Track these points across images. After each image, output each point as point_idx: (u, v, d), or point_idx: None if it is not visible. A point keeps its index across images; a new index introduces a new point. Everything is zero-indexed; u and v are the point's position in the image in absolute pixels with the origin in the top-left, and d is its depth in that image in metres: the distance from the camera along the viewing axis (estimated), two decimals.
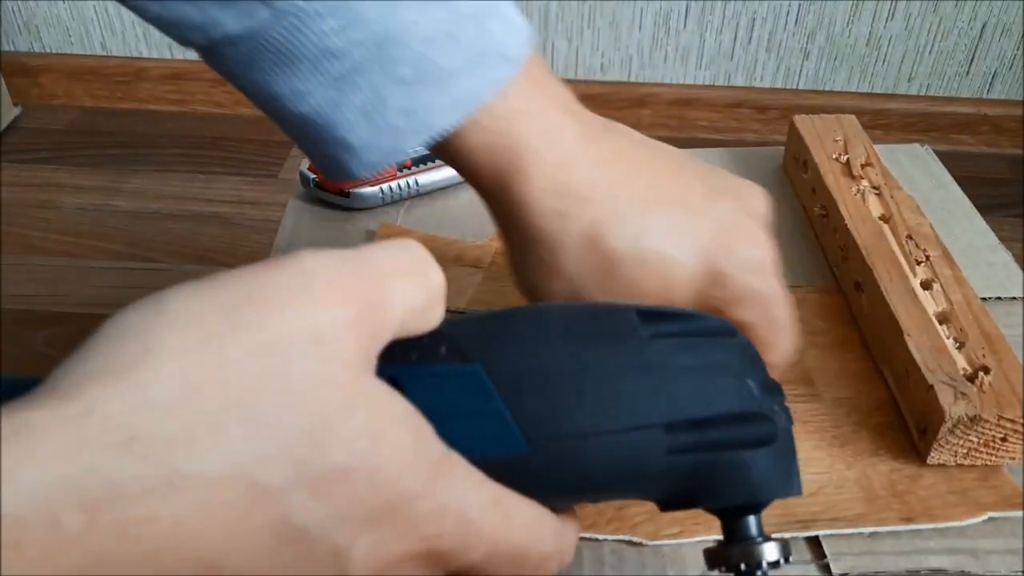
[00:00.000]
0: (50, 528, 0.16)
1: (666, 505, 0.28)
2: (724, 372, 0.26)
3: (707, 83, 1.50)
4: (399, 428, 0.21)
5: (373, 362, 0.22)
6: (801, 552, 0.36)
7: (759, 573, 0.26)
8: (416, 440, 0.21)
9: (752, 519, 0.27)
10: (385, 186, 0.54)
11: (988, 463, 0.38)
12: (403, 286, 0.23)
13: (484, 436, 0.24)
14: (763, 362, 0.28)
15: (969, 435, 0.37)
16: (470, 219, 0.52)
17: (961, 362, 0.39)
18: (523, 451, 0.24)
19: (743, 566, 0.26)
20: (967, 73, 1.45)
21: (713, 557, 0.27)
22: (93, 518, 0.17)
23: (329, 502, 0.19)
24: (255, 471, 0.19)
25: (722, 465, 0.26)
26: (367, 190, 0.54)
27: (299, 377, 0.19)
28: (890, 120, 1.48)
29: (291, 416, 0.19)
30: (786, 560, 0.26)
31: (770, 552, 0.26)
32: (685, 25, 1.44)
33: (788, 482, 0.27)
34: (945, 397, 0.37)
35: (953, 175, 0.58)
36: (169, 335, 0.19)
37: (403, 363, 0.24)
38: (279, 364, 0.19)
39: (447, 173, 0.56)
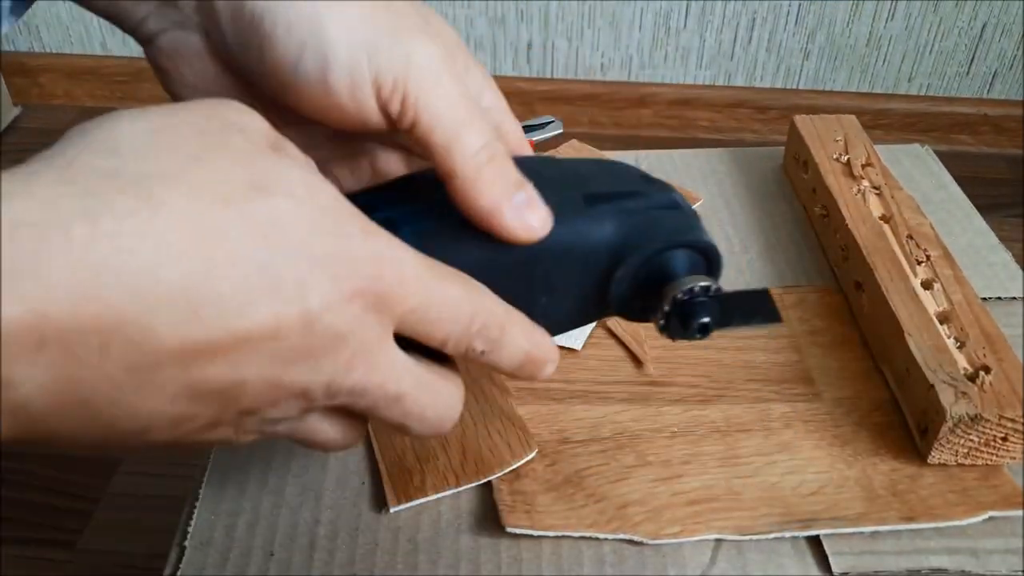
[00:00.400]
0: (61, 234, 0.20)
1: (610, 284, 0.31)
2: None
3: (707, 83, 1.50)
4: (327, 187, 0.25)
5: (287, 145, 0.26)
6: (802, 552, 0.36)
7: (693, 297, 0.30)
8: (341, 203, 0.25)
9: (674, 256, 0.30)
10: None
11: (989, 462, 0.38)
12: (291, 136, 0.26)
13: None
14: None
15: (970, 434, 0.37)
16: None
17: (962, 362, 0.39)
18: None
19: (677, 295, 0.30)
20: (967, 73, 1.45)
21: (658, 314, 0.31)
22: (93, 230, 0.20)
23: (283, 238, 0.23)
24: (218, 207, 0.22)
25: (637, 217, 0.30)
26: None
27: (234, 148, 0.23)
28: (890, 120, 1.48)
29: (237, 170, 0.23)
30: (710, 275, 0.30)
31: (695, 280, 0.30)
32: (685, 25, 1.44)
33: (699, 229, 0.31)
34: (946, 396, 0.37)
35: (953, 175, 0.58)
36: (125, 124, 0.23)
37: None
38: (216, 140, 0.23)
39: None
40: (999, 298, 0.48)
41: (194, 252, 0.21)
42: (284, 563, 0.35)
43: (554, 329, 0.32)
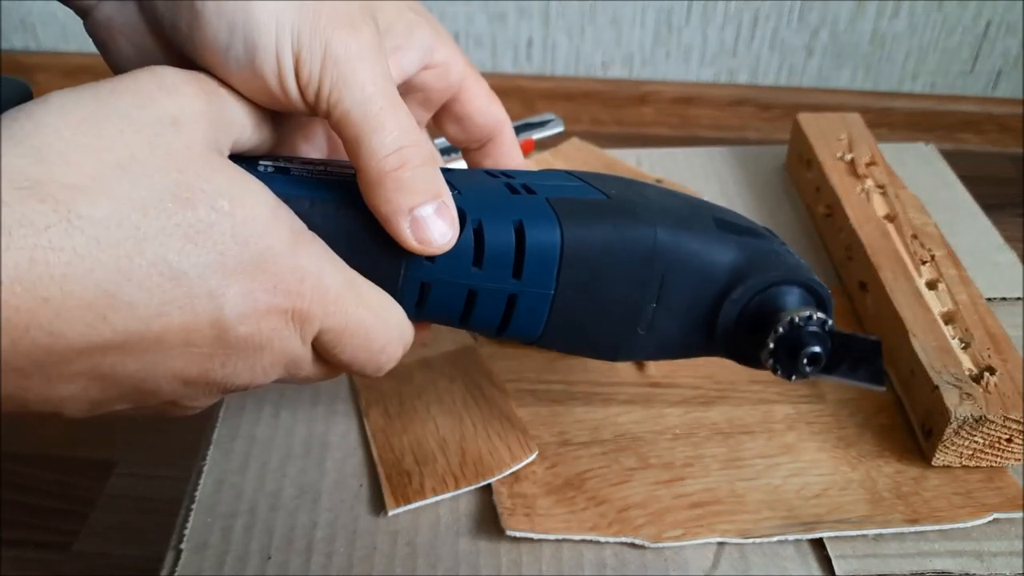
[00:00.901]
0: None
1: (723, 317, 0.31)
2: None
3: (709, 81, 1.49)
4: (257, 196, 0.25)
5: (225, 150, 0.26)
6: (805, 555, 0.35)
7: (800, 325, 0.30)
8: (274, 209, 0.26)
9: (790, 291, 0.31)
10: None
11: (993, 464, 0.38)
12: (232, 95, 0.27)
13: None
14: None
15: (974, 436, 0.37)
16: None
17: (966, 362, 0.39)
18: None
19: (787, 324, 0.30)
20: (972, 71, 1.45)
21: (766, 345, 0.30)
22: (9, 242, 0.21)
23: (201, 250, 0.23)
24: (137, 217, 0.22)
25: (761, 250, 0.31)
26: None
27: (164, 148, 0.24)
28: (894, 118, 1.47)
29: (161, 177, 0.23)
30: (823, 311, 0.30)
31: (810, 310, 0.30)
32: (687, 22, 1.43)
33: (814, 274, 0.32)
34: (950, 398, 0.37)
35: (958, 174, 0.57)
36: (54, 117, 0.23)
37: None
38: (146, 139, 0.23)
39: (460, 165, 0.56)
40: (1004, 298, 0.47)
41: (108, 263, 0.22)
42: (281, 566, 0.35)
43: (656, 350, 0.33)
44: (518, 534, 0.35)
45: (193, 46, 0.27)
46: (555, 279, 0.30)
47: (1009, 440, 0.37)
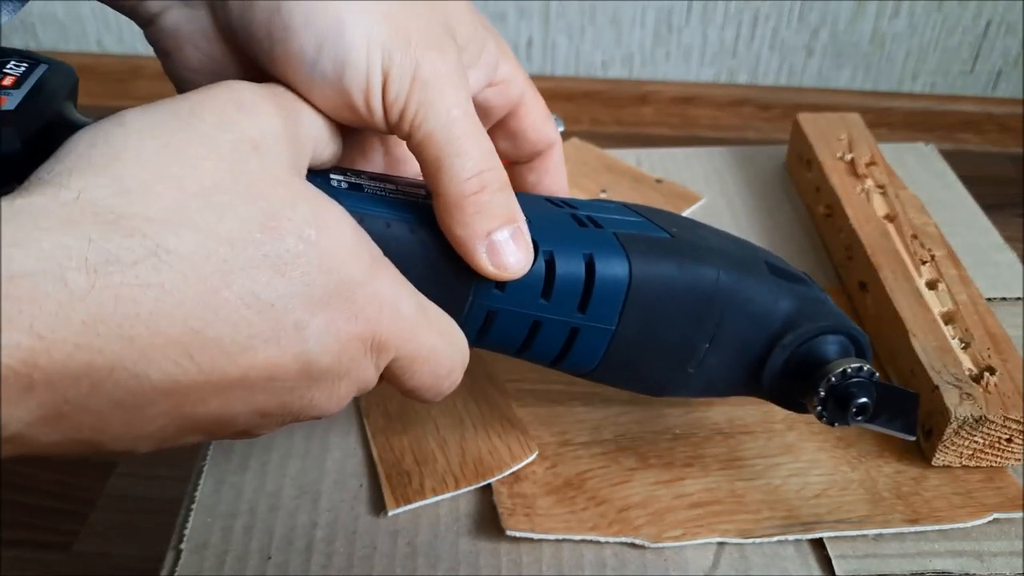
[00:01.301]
0: (59, 284, 0.19)
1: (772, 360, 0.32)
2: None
3: (709, 81, 1.49)
4: (340, 223, 0.25)
5: (303, 170, 0.26)
6: (805, 555, 0.35)
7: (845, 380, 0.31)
8: (356, 235, 0.25)
9: (835, 340, 0.32)
10: None
11: (993, 464, 0.38)
12: (309, 109, 0.27)
13: None
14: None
15: (974, 436, 0.37)
16: None
17: (966, 362, 0.39)
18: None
19: (832, 378, 0.31)
20: (972, 71, 1.45)
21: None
22: (94, 280, 0.20)
23: (288, 281, 0.23)
24: (224, 249, 0.22)
25: (810, 298, 0.32)
26: None
27: (247, 176, 0.23)
28: (894, 119, 1.47)
29: (246, 207, 0.22)
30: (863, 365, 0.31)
31: (854, 361, 0.31)
32: (687, 22, 1.43)
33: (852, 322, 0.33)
34: (950, 398, 0.37)
35: (958, 174, 0.57)
36: (133, 141, 0.22)
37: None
38: (228, 166, 0.23)
39: None
40: (1004, 298, 0.47)
41: (196, 299, 0.21)
42: (281, 566, 0.35)
43: (702, 388, 0.33)
44: (518, 534, 0.35)
45: (272, 58, 0.27)
46: (619, 315, 0.30)
47: (1009, 440, 0.37)
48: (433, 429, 0.40)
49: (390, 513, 0.37)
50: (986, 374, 0.38)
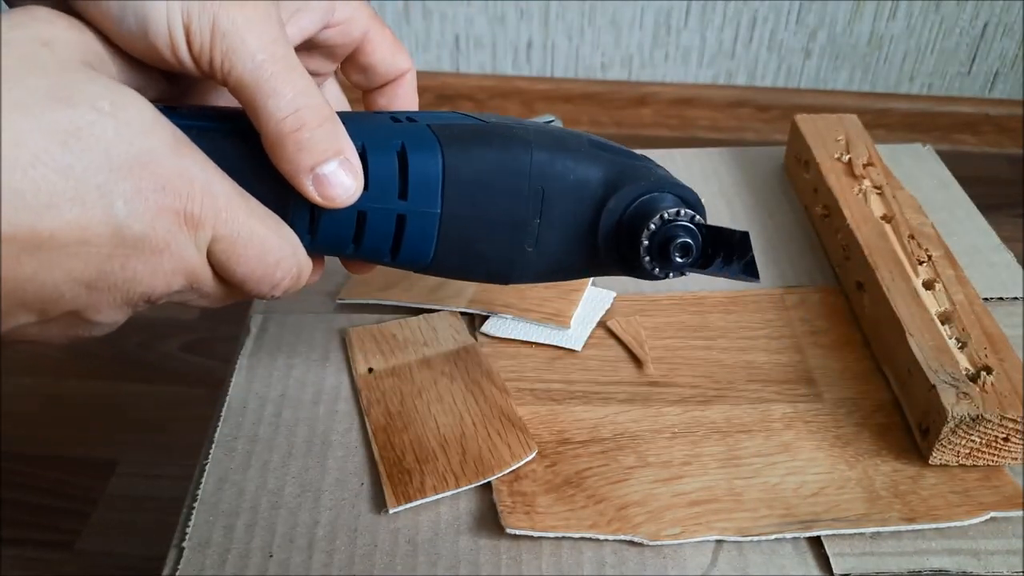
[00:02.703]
0: None
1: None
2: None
3: (708, 82, 1.49)
4: (138, 102, 0.26)
5: (105, 62, 0.27)
6: (803, 553, 0.35)
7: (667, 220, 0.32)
8: (156, 116, 0.26)
9: (663, 198, 0.33)
10: None
11: (990, 463, 0.38)
12: (115, 54, 0.28)
13: None
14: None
15: (971, 435, 0.37)
16: None
17: (963, 362, 0.39)
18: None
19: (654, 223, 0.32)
20: (969, 73, 1.45)
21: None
22: None
23: (84, 145, 0.24)
24: (16, 117, 0.23)
25: (632, 165, 0.34)
26: None
27: (38, 62, 0.24)
28: (892, 120, 1.48)
29: (36, 81, 0.24)
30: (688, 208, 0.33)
31: (680, 206, 0.32)
32: (686, 24, 1.43)
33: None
34: (947, 397, 0.37)
35: (955, 175, 0.58)
36: None
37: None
38: (18, 54, 0.24)
39: None
40: (1001, 298, 0.47)
41: None
42: (283, 564, 0.35)
43: (547, 269, 0.34)
44: (518, 532, 0.35)
45: (89, 14, 0.27)
46: (440, 197, 0.31)
47: (1006, 439, 0.37)
48: (434, 428, 0.40)
49: (391, 511, 0.37)
50: (983, 373, 0.38)
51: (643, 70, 1.49)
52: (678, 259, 0.32)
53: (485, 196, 0.32)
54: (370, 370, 0.43)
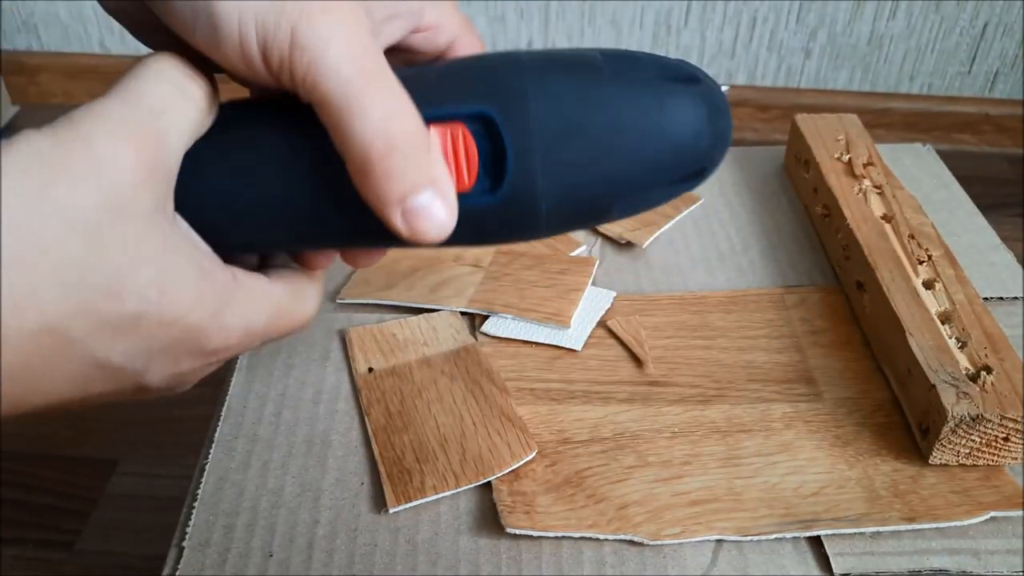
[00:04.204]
0: None
1: None
2: None
3: None
4: (184, 273, 0.25)
5: (168, 197, 0.25)
6: (803, 552, 0.35)
7: None
8: (200, 279, 0.25)
9: None
10: None
11: (990, 463, 0.38)
12: (176, 117, 0.25)
13: None
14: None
15: (971, 435, 0.37)
16: None
17: (963, 362, 0.39)
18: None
19: None
20: (969, 72, 1.45)
21: None
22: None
23: (128, 340, 0.24)
24: (65, 324, 0.23)
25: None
26: None
27: (99, 245, 0.23)
28: (892, 119, 1.48)
29: (93, 275, 0.23)
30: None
31: None
32: (686, 24, 1.43)
33: None
34: (947, 397, 0.37)
35: (955, 174, 0.58)
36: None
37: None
38: (82, 238, 0.23)
39: None
40: (1001, 298, 0.47)
41: (38, 365, 0.23)
42: (283, 563, 0.35)
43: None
44: (518, 532, 0.35)
45: (166, 18, 0.26)
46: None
47: (1006, 439, 0.37)
48: (434, 427, 0.40)
49: (391, 511, 0.37)
50: (983, 373, 0.38)
51: None
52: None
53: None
54: (370, 370, 0.43)
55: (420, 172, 0.25)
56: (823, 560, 0.35)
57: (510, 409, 0.41)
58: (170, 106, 0.25)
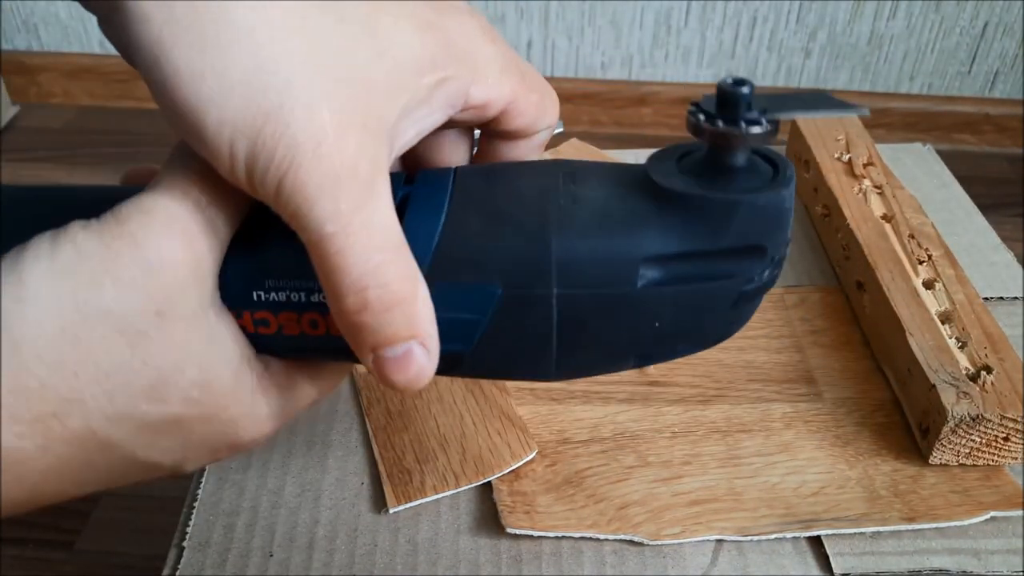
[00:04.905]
0: None
1: None
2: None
3: (708, 82, 1.49)
4: (224, 368, 0.25)
5: (214, 289, 0.25)
6: (803, 552, 0.35)
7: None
8: (238, 374, 0.26)
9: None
10: None
11: (990, 463, 0.38)
12: (224, 205, 0.25)
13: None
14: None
15: (971, 435, 0.37)
16: None
17: (963, 361, 0.39)
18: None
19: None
20: (969, 72, 1.45)
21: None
22: None
23: (168, 438, 0.25)
24: (108, 431, 0.23)
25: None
26: None
27: (145, 347, 0.23)
28: (892, 119, 1.48)
29: (137, 379, 0.23)
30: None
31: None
32: (686, 23, 1.43)
33: None
34: (947, 397, 0.37)
35: (955, 174, 0.58)
36: (33, 325, 0.22)
37: None
38: (128, 341, 0.23)
39: None
40: (1001, 298, 0.47)
41: (75, 465, 0.24)
42: (283, 563, 0.35)
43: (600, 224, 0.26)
44: (518, 532, 0.35)
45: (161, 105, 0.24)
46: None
47: (1006, 439, 0.37)
48: (434, 427, 0.40)
49: (391, 511, 0.37)
50: (983, 373, 0.38)
51: (643, 70, 1.49)
52: (737, 89, 0.24)
53: (506, 178, 0.27)
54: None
55: (392, 330, 0.24)
56: (823, 560, 0.35)
57: (510, 409, 0.41)
58: (219, 195, 0.24)
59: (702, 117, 0.24)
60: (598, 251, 0.25)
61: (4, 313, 0.21)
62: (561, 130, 0.59)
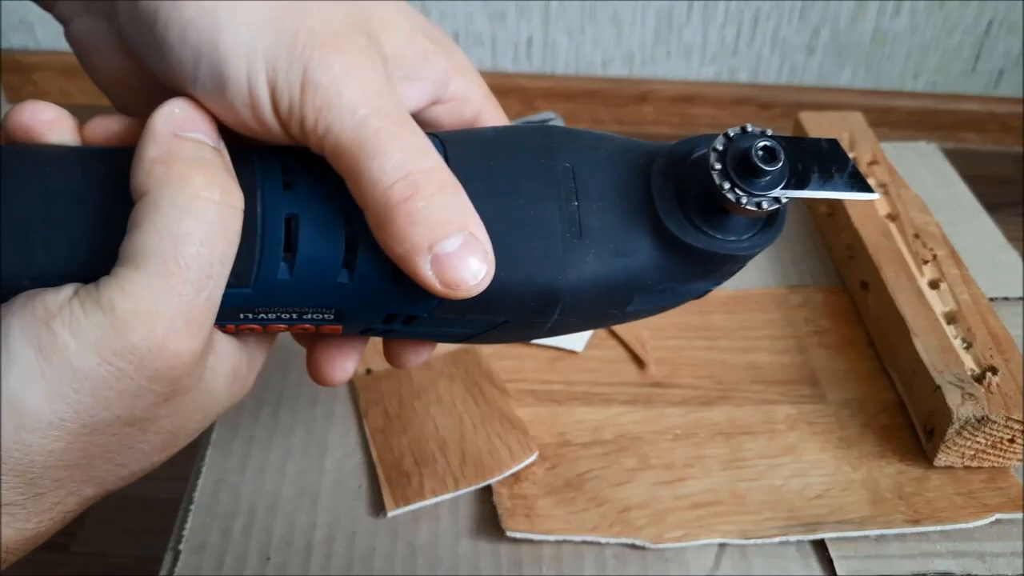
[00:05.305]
0: None
1: None
2: None
3: (710, 80, 1.49)
4: (222, 394, 0.26)
5: (210, 333, 0.24)
6: (807, 556, 0.35)
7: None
8: (231, 385, 0.27)
9: (715, 138, 0.26)
10: None
11: (995, 465, 0.38)
12: (219, 271, 0.24)
13: None
14: None
15: (976, 436, 0.37)
16: None
17: (968, 362, 0.39)
18: None
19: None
20: (973, 70, 1.45)
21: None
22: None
23: (164, 455, 0.26)
24: (115, 484, 0.25)
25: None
26: None
27: (154, 423, 0.24)
28: (896, 118, 1.47)
29: (150, 447, 0.25)
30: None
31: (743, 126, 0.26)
32: (688, 21, 1.43)
33: None
34: (952, 398, 0.37)
35: (960, 173, 0.57)
36: (42, 455, 0.22)
37: None
38: (140, 424, 0.24)
39: None
40: (1006, 298, 0.47)
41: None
42: (280, 567, 0.35)
43: (607, 264, 0.27)
44: (518, 535, 0.35)
45: (163, 72, 0.24)
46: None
47: (1011, 440, 0.37)
48: (433, 430, 0.39)
49: (390, 514, 0.36)
50: (988, 374, 0.38)
51: (644, 67, 1.49)
52: (765, 167, 0.24)
53: (505, 180, 0.26)
54: (368, 371, 0.43)
55: (449, 215, 0.23)
56: (827, 563, 0.35)
57: (510, 411, 0.40)
58: (211, 239, 0.22)
59: (726, 185, 0.25)
60: (600, 289, 0.26)
61: (4, 452, 0.21)
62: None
